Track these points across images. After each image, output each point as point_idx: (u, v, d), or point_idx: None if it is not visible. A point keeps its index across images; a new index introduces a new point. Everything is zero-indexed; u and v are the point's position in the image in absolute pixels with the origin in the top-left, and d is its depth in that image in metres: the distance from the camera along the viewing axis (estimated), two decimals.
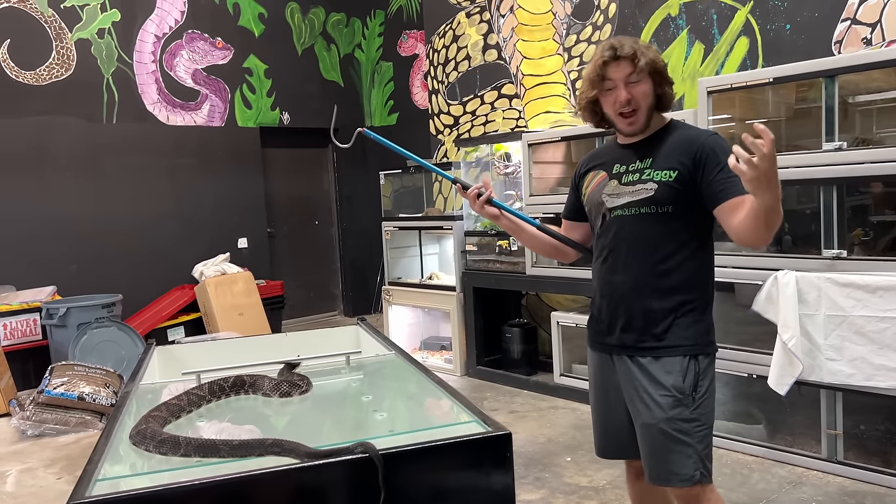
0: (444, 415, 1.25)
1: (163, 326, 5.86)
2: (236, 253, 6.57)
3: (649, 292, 1.77)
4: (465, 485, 1.04)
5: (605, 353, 1.89)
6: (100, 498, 0.89)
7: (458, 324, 4.97)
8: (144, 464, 1.10)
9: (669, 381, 1.74)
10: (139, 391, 1.49)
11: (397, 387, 1.58)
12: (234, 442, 1.06)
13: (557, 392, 4.39)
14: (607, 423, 1.95)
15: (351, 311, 7.41)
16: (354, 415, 1.36)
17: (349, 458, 0.99)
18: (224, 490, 0.94)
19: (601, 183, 1.87)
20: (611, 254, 1.84)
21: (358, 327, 2.01)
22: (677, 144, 1.76)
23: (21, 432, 4.18)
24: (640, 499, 2.08)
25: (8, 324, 5.20)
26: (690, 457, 1.74)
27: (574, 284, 4.30)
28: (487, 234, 4.85)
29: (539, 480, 3.20)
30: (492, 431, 1.07)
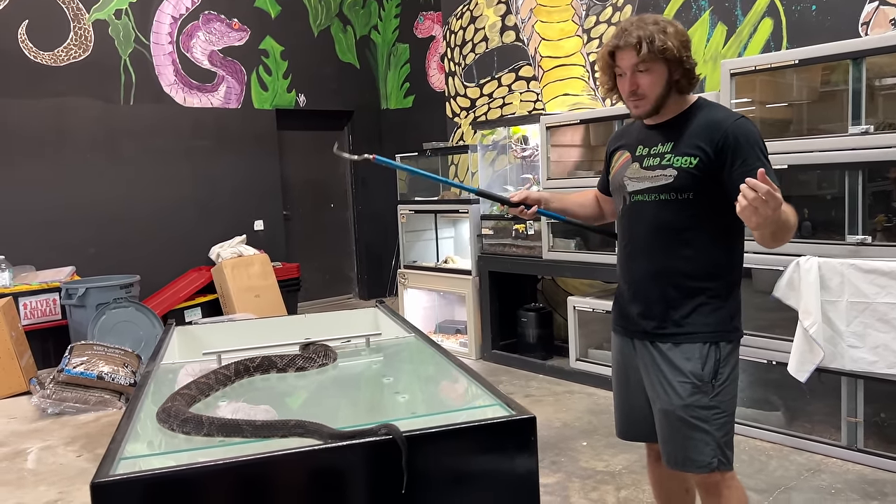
0: (465, 398, 1.25)
1: (180, 307, 5.90)
2: (252, 235, 6.59)
3: (669, 279, 1.75)
4: (488, 468, 1.03)
5: (627, 336, 1.88)
6: (124, 476, 0.90)
7: (473, 307, 4.97)
8: (167, 443, 1.10)
9: (688, 367, 1.72)
10: (160, 371, 1.49)
11: (418, 369, 1.57)
12: (257, 422, 1.06)
13: (573, 377, 4.38)
14: (628, 406, 1.95)
15: (366, 294, 7.43)
16: (375, 396, 1.36)
17: (372, 440, 0.98)
18: (247, 471, 0.93)
19: (625, 164, 1.84)
20: (631, 239, 1.83)
21: (376, 309, 2.00)
22: (700, 129, 1.71)
23: (41, 410, 4.23)
24: (659, 482, 2.08)
25: (28, 303, 5.26)
26: (708, 444, 1.72)
27: (591, 269, 4.27)
28: (504, 217, 4.82)
29: (555, 465, 3.20)
30: (516, 415, 1.06)
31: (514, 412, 1.08)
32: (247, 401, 1.35)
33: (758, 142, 1.67)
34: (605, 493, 2.91)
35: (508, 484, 1.04)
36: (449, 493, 1.01)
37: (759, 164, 1.61)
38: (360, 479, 0.99)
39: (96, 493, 0.85)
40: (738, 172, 1.61)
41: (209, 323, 5.10)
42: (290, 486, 0.96)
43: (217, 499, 0.92)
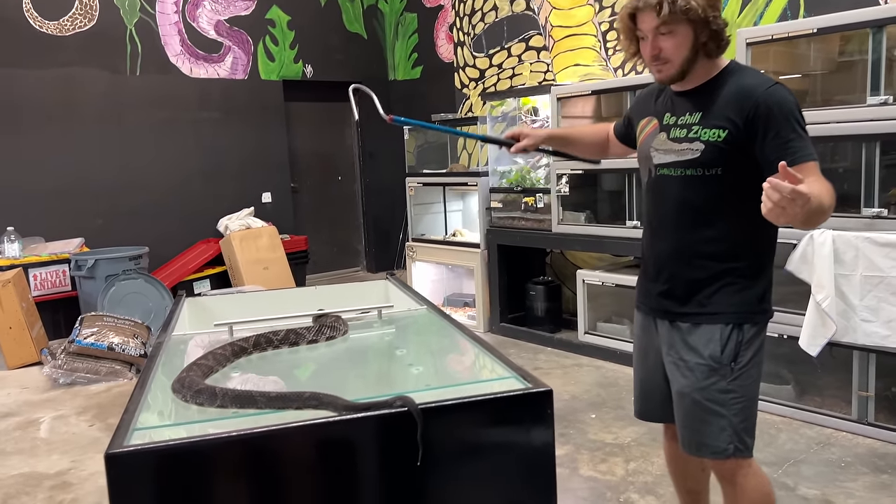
0: (480, 370, 1.23)
1: (189, 279, 5.91)
2: (260, 207, 6.57)
3: (692, 259, 1.67)
4: (504, 441, 1.02)
5: (649, 315, 1.82)
6: (137, 448, 0.89)
7: (481, 281, 4.95)
8: (180, 414, 1.09)
9: (707, 349, 1.66)
10: (171, 342, 1.48)
11: (431, 341, 1.56)
12: (271, 394, 1.05)
13: (581, 350, 4.38)
14: (647, 386, 1.90)
15: (374, 267, 7.43)
16: (389, 369, 1.35)
17: (387, 412, 0.97)
18: (261, 442, 0.92)
19: (652, 134, 1.74)
20: (655, 216, 1.75)
21: (387, 282, 1.98)
22: (730, 98, 1.58)
23: (53, 380, 4.27)
24: (675, 460, 2.04)
25: (38, 274, 5.28)
26: (724, 429, 1.66)
27: (600, 242, 4.25)
28: (513, 190, 4.79)
29: (564, 437, 3.21)
30: (532, 388, 1.05)
31: (530, 385, 1.06)
32: (258, 372, 1.34)
33: (793, 111, 1.54)
34: (614, 465, 2.92)
35: (524, 457, 1.03)
36: (464, 466, 1.00)
37: (794, 136, 1.50)
38: (374, 452, 0.98)
39: (111, 464, 0.85)
40: (771, 146, 1.51)
41: (219, 294, 5.11)
42: (303, 458, 0.95)
43: (231, 470, 0.92)
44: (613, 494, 2.68)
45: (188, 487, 0.88)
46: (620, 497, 2.66)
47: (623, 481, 2.78)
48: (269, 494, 0.93)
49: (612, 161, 4.14)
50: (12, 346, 4.69)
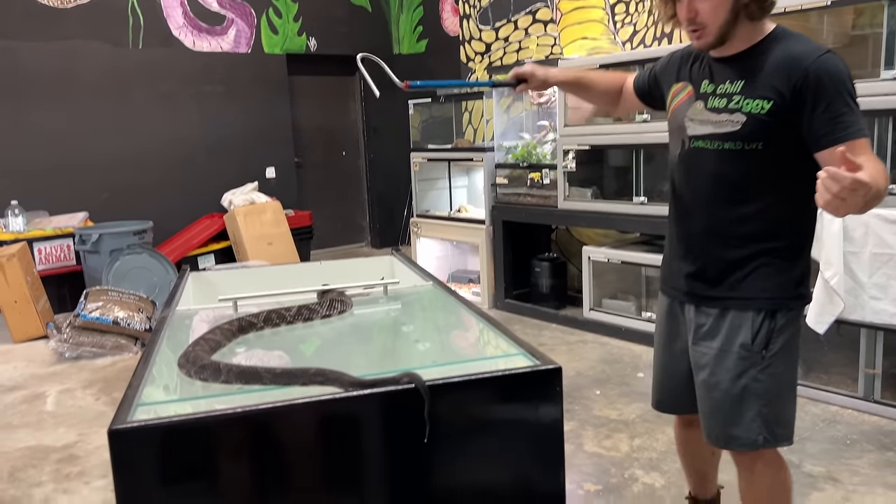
0: (488, 347, 1.21)
1: (193, 254, 5.91)
2: (264, 182, 6.55)
3: (726, 239, 1.55)
4: (513, 419, 1.00)
5: (675, 299, 1.70)
6: (141, 423, 0.88)
7: (486, 257, 4.94)
8: (185, 389, 1.08)
9: (738, 337, 1.55)
10: (176, 317, 1.47)
11: (438, 317, 1.54)
12: (276, 370, 1.03)
13: (586, 326, 4.37)
14: (669, 376, 1.78)
15: (378, 242, 7.41)
16: (396, 345, 1.33)
17: (394, 388, 0.96)
18: (266, 419, 0.91)
19: (686, 102, 1.59)
20: (687, 190, 1.60)
21: (392, 257, 1.97)
22: (777, 66, 1.44)
23: (59, 354, 4.28)
24: (686, 445, 1.96)
25: (43, 248, 5.27)
26: (754, 420, 1.56)
27: (607, 219, 4.22)
28: (519, 166, 4.75)
29: (568, 413, 3.21)
30: (541, 365, 1.03)
31: (539, 362, 1.04)
32: (263, 348, 1.32)
33: (845, 83, 1.40)
34: (619, 441, 2.92)
35: (533, 434, 1.01)
36: (471, 444, 0.99)
37: (846, 110, 1.38)
38: (380, 429, 0.97)
39: (114, 440, 0.84)
40: (820, 120, 1.39)
41: (223, 269, 5.09)
42: (309, 435, 0.94)
43: (235, 447, 0.91)
44: (618, 470, 2.69)
45: (192, 463, 0.87)
46: (625, 473, 2.67)
47: (628, 457, 2.79)
48: (273, 471, 0.92)
49: (620, 137, 4.12)
50: (18, 319, 4.70)
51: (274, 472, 0.91)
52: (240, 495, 0.90)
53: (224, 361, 1.07)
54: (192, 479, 0.88)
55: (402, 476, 0.97)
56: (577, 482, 2.61)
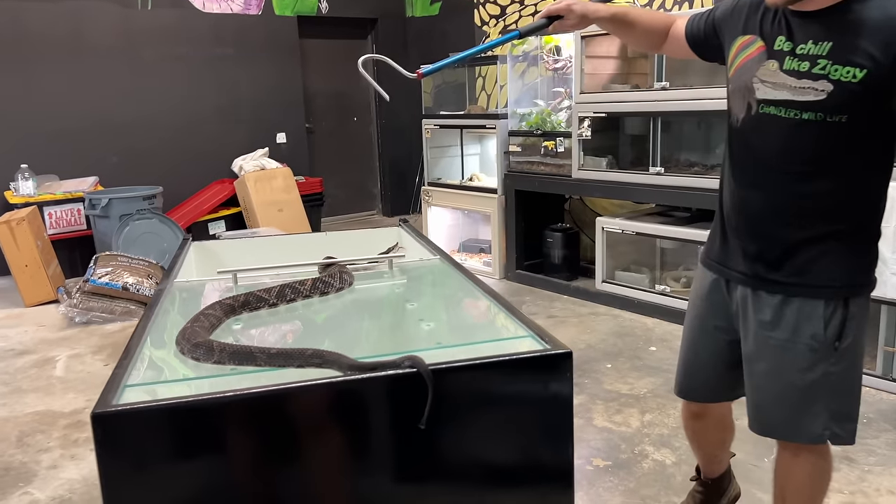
0: (496, 328, 1.16)
1: (204, 220, 5.88)
2: (275, 148, 6.48)
3: (795, 217, 1.38)
4: (520, 406, 0.95)
5: (721, 276, 1.53)
6: (127, 407, 0.83)
7: (498, 227, 4.87)
8: (177, 370, 1.03)
9: (807, 328, 1.39)
10: (173, 289, 1.42)
11: (444, 294, 1.47)
12: (272, 351, 0.98)
13: (598, 298, 4.31)
14: (701, 360, 1.63)
15: (389, 210, 7.35)
16: (399, 324, 1.27)
17: (395, 372, 0.90)
18: (258, 403, 0.86)
19: (755, 59, 1.38)
20: (749, 160, 1.42)
21: (400, 229, 1.90)
22: (873, 27, 1.23)
23: (69, 319, 4.29)
24: (695, 433, 1.84)
25: (53, 213, 5.26)
26: (819, 415, 1.43)
27: (622, 189, 4.13)
28: (533, 134, 4.64)
29: (578, 387, 3.17)
30: (551, 349, 0.97)
31: (549, 346, 0.99)
32: (262, 325, 1.27)
33: None
34: (629, 416, 2.88)
35: (541, 422, 0.96)
36: (475, 430, 0.94)
37: None
38: (380, 414, 0.92)
39: (97, 424, 0.79)
40: None
41: (230, 238, 5.08)
42: (305, 421, 0.89)
43: (226, 432, 0.86)
44: (628, 446, 2.65)
45: (180, 449, 0.83)
46: (635, 449, 2.63)
47: (638, 433, 2.75)
48: (266, 458, 0.87)
49: (637, 104, 4.01)
50: (29, 283, 4.70)
51: (267, 459, 0.87)
52: (230, 482, 0.86)
53: (218, 340, 1.03)
54: (179, 465, 0.83)
55: (402, 463, 0.93)
56: (586, 457, 2.57)
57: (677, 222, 3.99)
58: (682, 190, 3.80)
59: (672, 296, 3.95)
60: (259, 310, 1.28)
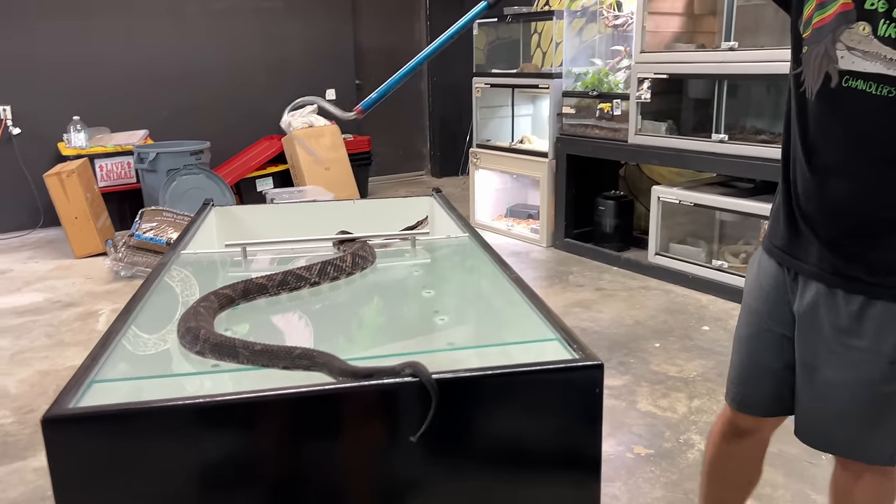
0: (519, 326, 1.01)
1: (251, 177, 5.85)
2: None
3: (883, 206, 1.18)
4: (537, 426, 0.81)
5: (790, 268, 1.31)
6: (81, 411, 0.72)
7: (548, 192, 4.67)
8: (155, 363, 0.93)
9: (891, 336, 1.20)
10: (178, 262, 1.32)
11: (467, 282, 1.32)
12: (256, 346, 0.87)
13: (650, 271, 4.10)
14: (760, 365, 1.41)
15: (438, 171, 7.20)
16: (411, 315, 1.12)
17: (394, 381, 0.78)
18: (229, 412, 0.74)
19: (838, 20, 1.15)
20: (823, 140, 1.22)
21: (433, 200, 1.76)
22: None
23: (115, 273, 4.32)
24: (730, 461, 1.59)
25: (104, 165, 5.29)
26: (891, 434, 1.27)
27: (682, 157, 3.88)
28: (588, 95, 4.40)
29: (623, 365, 3.01)
30: (579, 360, 0.82)
31: (577, 355, 0.84)
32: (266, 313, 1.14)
33: None
34: (676, 401, 2.72)
35: (563, 446, 0.82)
36: (481, 452, 0.80)
37: None
38: (373, 428, 0.80)
39: (48, 430, 0.69)
40: None
41: (276, 196, 5.01)
42: (285, 434, 0.77)
43: (194, 444, 0.75)
44: (672, 434, 2.49)
45: (140, 461, 0.73)
46: (680, 437, 2.47)
47: (684, 420, 2.59)
48: (237, 474, 0.76)
49: (702, 66, 3.73)
50: (79, 235, 4.75)
51: (238, 475, 0.76)
52: (191, 499, 0.76)
53: (206, 329, 0.92)
54: (139, 480, 0.73)
55: (393, 482, 0.80)
56: (627, 444, 2.43)
57: (740, 194, 3.73)
58: (747, 160, 3.53)
59: (729, 272, 3.72)
60: (300, 289, 1.14)
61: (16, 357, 3.20)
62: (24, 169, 5.18)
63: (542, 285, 4.07)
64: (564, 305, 3.68)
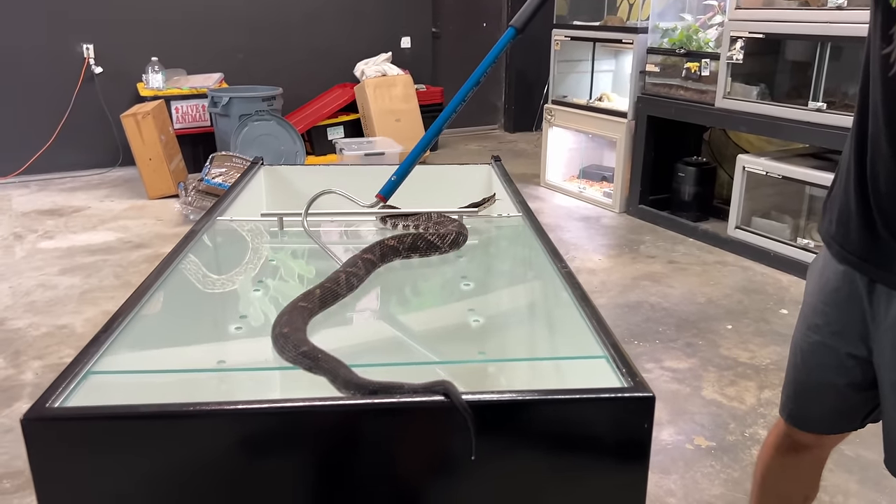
0: (562, 336, 0.89)
1: (322, 125, 5.82)
2: (398, 53, 6.23)
3: None
4: (571, 462, 0.70)
5: (864, 274, 1.14)
6: (65, 413, 0.66)
7: (624, 155, 4.44)
8: (164, 351, 0.86)
9: None
10: (214, 229, 1.24)
11: (512, 274, 1.19)
12: (279, 328, 0.76)
13: (728, 246, 3.86)
14: (815, 378, 1.26)
15: (511, 126, 6.99)
16: (442, 311, 0.99)
17: (409, 400, 0.68)
18: (219, 421, 0.66)
19: None
20: None
21: (491, 169, 1.64)
22: None
23: (184, 216, 4.38)
24: (784, 476, 1.45)
25: (180, 107, 5.36)
26: None
27: (774, 125, 3.58)
28: (675, 53, 4.11)
29: (690, 347, 2.85)
30: (627, 389, 0.70)
31: (626, 382, 0.71)
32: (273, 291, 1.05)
33: None
34: (744, 391, 2.55)
35: (601, 487, 0.71)
36: (507, 488, 0.70)
37: None
38: (384, 448, 0.70)
39: (28, 430, 0.63)
40: None
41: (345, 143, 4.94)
42: (288, 447, 0.69)
43: (188, 454, 0.68)
44: (738, 426, 2.34)
45: (130, 469, 0.66)
46: (746, 430, 2.32)
47: (752, 411, 2.42)
48: (233, 493, 0.69)
49: (805, 25, 3.39)
50: (152, 177, 4.84)
51: (233, 495, 0.69)
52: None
53: (296, 325, 0.80)
54: (129, 487, 0.67)
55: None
56: (688, 434, 2.30)
57: (834, 168, 3.43)
58: (847, 132, 3.21)
59: (815, 252, 3.45)
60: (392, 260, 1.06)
61: (85, 295, 3.29)
62: (105, 108, 5.29)
63: (611, 254, 3.89)
64: (633, 278, 3.51)
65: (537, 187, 5.08)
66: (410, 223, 1.20)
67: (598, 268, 3.66)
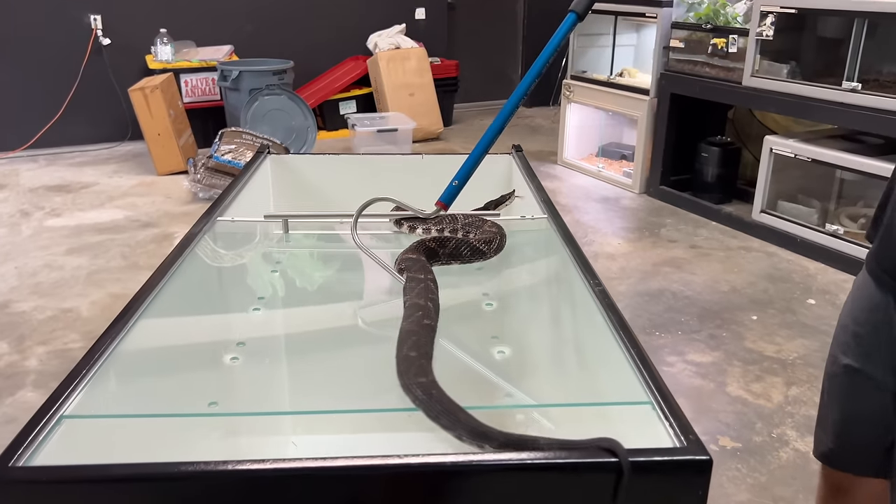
0: (600, 375, 0.79)
1: (334, 99, 5.69)
2: (413, 24, 6.06)
3: None
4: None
5: None
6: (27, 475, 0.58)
7: (645, 133, 4.29)
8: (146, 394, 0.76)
9: None
10: (214, 230, 1.14)
11: (540, 293, 1.08)
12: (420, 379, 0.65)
13: (753, 230, 3.73)
14: (854, 415, 1.14)
15: (528, 101, 6.78)
16: (461, 340, 0.84)
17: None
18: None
19: None
20: None
21: (512, 159, 1.52)
22: None
23: (193, 194, 4.30)
24: None
25: (189, 80, 5.24)
26: None
27: (804, 105, 3.42)
28: (701, 28, 3.94)
29: (714, 339, 2.74)
30: (680, 450, 0.60)
31: (678, 440, 0.61)
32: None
33: None
34: (771, 387, 2.45)
35: None
36: None
37: None
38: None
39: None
40: None
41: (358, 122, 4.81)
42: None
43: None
44: (764, 426, 2.24)
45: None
46: (773, 431, 2.22)
47: (780, 410, 2.32)
48: None
49: (839, 0, 3.22)
50: (161, 152, 4.75)
51: None
52: None
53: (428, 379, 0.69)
54: None
55: None
56: (712, 434, 2.20)
57: (866, 151, 3.28)
58: (883, 113, 3.07)
59: (845, 238, 3.32)
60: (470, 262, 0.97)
61: (92, 277, 3.23)
62: (113, 80, 5.18)
63: (631, 238, 3.77)
64: (654, 264, 3.39)
65: (554, 165, 4.94)
66: (432, 227, 1.09)
67: (617, 252, 3.54)
